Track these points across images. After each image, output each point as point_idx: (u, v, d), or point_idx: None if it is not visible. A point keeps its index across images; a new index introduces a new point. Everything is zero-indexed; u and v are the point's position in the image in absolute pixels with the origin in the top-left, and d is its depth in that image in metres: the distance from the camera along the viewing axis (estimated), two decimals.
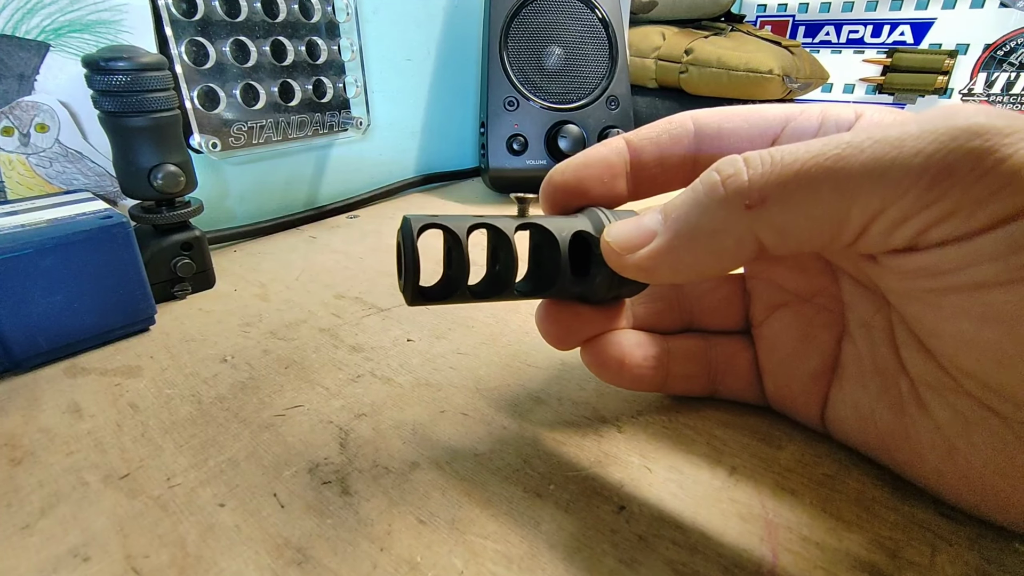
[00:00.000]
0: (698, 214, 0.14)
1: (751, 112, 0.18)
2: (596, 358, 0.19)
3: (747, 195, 0.13)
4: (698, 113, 0.18)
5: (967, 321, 0.13)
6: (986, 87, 0.83)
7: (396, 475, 0.19)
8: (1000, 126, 0.11)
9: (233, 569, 0.15)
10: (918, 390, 0.16)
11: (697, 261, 0.15)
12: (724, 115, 0.18)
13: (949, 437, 0.15)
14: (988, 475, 0.15)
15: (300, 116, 0.46)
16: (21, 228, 0.25)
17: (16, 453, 0.20)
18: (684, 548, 0.16)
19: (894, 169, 0.12)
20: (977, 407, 0.14)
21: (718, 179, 0.14)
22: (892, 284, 0.15)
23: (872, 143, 0.12)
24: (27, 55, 0.32)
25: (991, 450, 0.14)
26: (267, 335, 0.28)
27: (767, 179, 0.13)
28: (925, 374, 0.15)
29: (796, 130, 0.17)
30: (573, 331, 0.19)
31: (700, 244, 0.15)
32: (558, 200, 0.19)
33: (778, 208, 0.13)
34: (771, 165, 0.13)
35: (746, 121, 0.17)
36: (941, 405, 0.15)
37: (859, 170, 0.12)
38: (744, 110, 0.18)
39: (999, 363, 0.13)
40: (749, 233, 0.14)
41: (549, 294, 0.18)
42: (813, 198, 0.13)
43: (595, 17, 0.50)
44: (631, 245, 0.16)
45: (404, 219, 0.16)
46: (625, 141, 0.18)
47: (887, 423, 0.17)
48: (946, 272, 0.13)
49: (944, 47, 0.84)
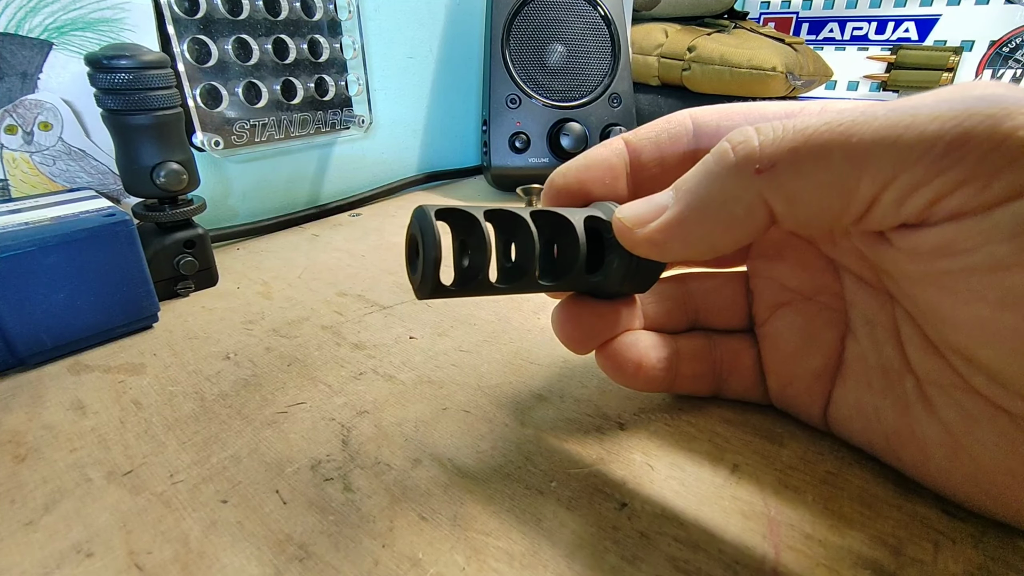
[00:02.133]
0: (708, 183, 0.15)
1: (750, 110, 0.17)
2: (613, 360, 0.19)
3: (758, 159, 0.13)
4: (697, 111, 0.18)
5: (984, 305, 0.12)
6: None
7: (398, 472, 0.19)
8: (1015, 98, 0.11)
9: (235, 565, 0.16)
10: (924, 388, 0.16)
11: (708, 232, 0.15)
12: (723, 113, 0.18)
13: (955, 435, 0.15)
14: (995, 473, 0.15)
15: (302, 114, 0.46)
16: (25, 226, 0.25)
17: (20, 450, 0.20)
18: (686, 545, 0.16)
19: (908, 135, 0.12)
20: (985, 405, 0.14)
21: (728, 147, 0.14)
22: (904, 267, 0.14)
23: (887, 111, 0.12)
24: (30, 53, 0.32)
25: (998, 448, 0.14)
26: (269, 333, 0.28)
27: (778, 145, 0.13)
28: (932, 372, 0.15)
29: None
30: (591, 333, 0.19)
31: (711, 214, 0.15)
32: (562, 203, 0.19)
33: (788, 174, 0.13)
34: (783, 131, 0.13)
35: (745, 119, 0.17)
36: (947, 403, 0.15)
37: (871, 137, 0.12)
38: (743, 107, 0.18)
39: (1016, 351, 0.12)
40: (759, 199, 0.14)
41: (566, 282, 0.17)
42: (824, 164, 0.13)
43: (597, 14, 0.50)
44: (642, 220, 0.16)
45: (418, 208, 0.15)
46: (624, 142, 0.18)
47: (891, 422, 0.17)
48: (961, 251, 0.12)
49: (949, 44, 0.84)
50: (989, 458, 0.14)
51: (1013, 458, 0.14)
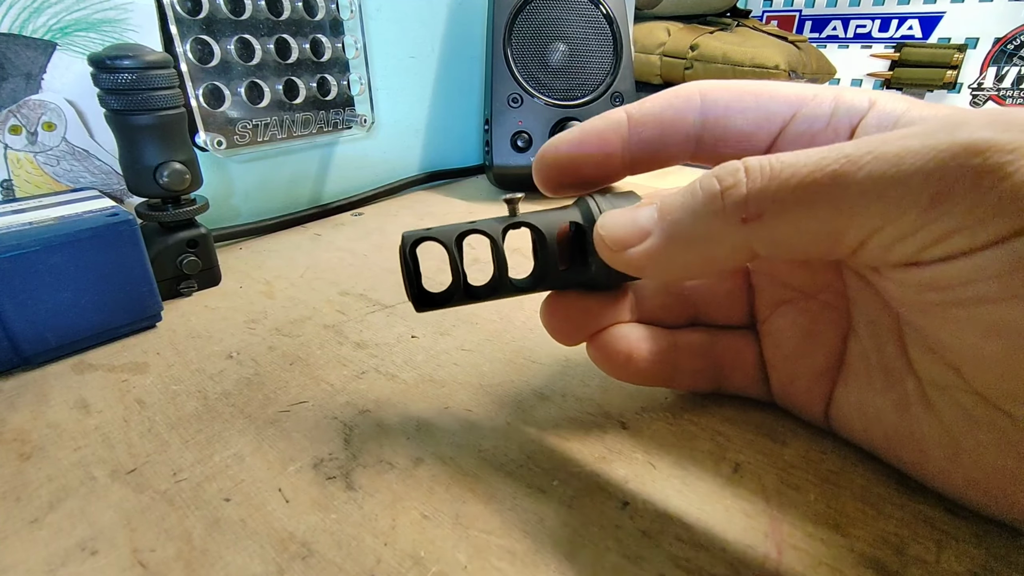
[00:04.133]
0: (694, 220, 0.14)
1: (762, 91, 0.17)
2: (602, 352, 0.19)
3: (744, 209, 0.13)
4: (707, 86, 0.17)
5: (972, 334, 0.13)
6: (996, 81, 0.82)
7: (400, 470, 0.19)
8: (1003, 142, 0.11)
9: (238, 563, 0.16)
10: (925, 389, 0.16)
11: (689, 264, 0.15)
12: (733, 93, 0.17)
13: (956, 437, 0.15)
14: (995, 475, 0.15)
15: (304, 114, 0.46)
16: (29, 226, 0.25)
17: (25, 448, 0.20)
18: (688, 544, 0.16)
19: (893, 188, 0.12)
20: (986, 406, 0.14)
21: (718, 189, 0.14)
22: (895, 294, 0.15)
23: (871, 159, 0.12)
24: (34, 54, 0.32)
25: (999, 450, 0.14)
26: (272, 332, 0.28)
27: (764, 194, 0.13)
28: (933, 374, 0.15)
29: (807, 118, 0.16)
30: (578, 325, 0.19)
31: (694, 249, 0.15)
32: (551, 178, 0.18)
33: (774, 223, 0.13)
34: (770, 178, 0.13)
35: (756, 101, 0.17)
36: (948, 404, 0.15)
37: (856, 188, 0.12)
38: (756, 87, 0.17)
39: (1003, 376, 0.13)
40: (744, 243, 0.14)
41: (545, 286, 0.19)
42: (809, 214, 0.13)
43: (599, 13, 0.50)
44: (623, 243, 0.16)
45: (402, 235, 0.18)
46: (627, 115, 0.18)
47: (892, 422, 0.17)
48: (948, 287, 0.12)
49: (953, 41, 0.83)
50: (989, 459, 0.14)
51: (1013, 460, 0.14)
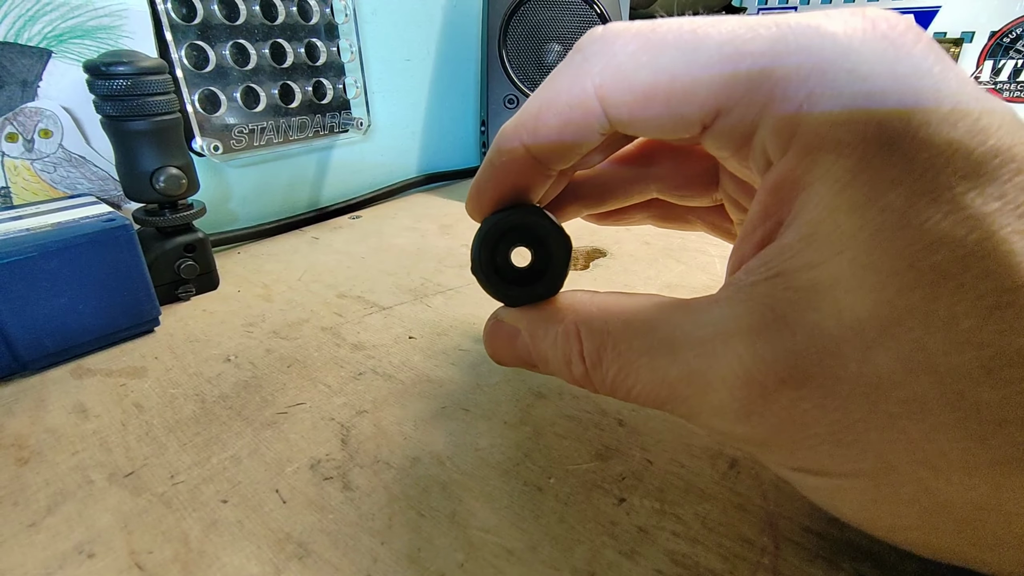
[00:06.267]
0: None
1: (673, 86, 0.13)
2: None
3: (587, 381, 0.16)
4: (606, 86, 0.13)
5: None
6: (993, 75, 0.81)
7: (397, 470, 0.19)
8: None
9: (235, 564, 0.16)
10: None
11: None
12: (638, 96, 0.13)
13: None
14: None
15: (300, 118, 0.46)
16: (26, 232, 0.25)
17: (23, 453, 0.20)
18: (685, 540, 0.16)
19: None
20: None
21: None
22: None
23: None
24: (29, 62, 0.32)
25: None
26: (270, 335, 0.28)
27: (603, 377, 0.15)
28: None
29: (727, 125, 0.13)
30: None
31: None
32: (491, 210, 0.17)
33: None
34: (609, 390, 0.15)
35: (666, 106, 0.13)
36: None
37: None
38: (666, 82, 0.13)
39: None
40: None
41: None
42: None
43: (594, 13, 0.50)
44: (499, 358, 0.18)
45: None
46: (524, 148, 0.15)
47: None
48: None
49: (949, 35, 0.83)
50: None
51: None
